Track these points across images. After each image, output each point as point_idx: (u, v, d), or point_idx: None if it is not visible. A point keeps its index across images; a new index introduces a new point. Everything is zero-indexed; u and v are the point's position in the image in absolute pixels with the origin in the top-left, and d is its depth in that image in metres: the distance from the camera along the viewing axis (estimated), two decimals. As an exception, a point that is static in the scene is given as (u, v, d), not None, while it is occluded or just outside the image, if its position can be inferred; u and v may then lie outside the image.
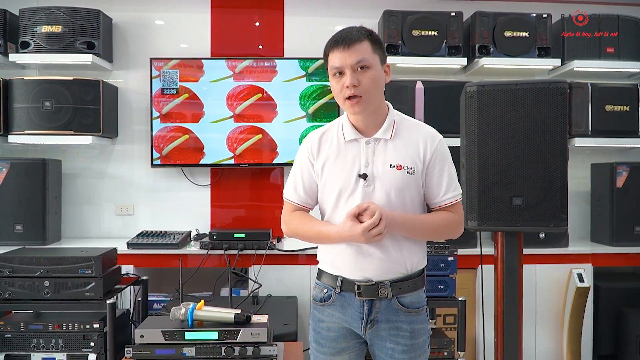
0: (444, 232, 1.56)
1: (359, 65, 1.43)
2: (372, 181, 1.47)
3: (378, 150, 1.50)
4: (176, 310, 1.61)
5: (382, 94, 1.52)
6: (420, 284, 1.54)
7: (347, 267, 1.50)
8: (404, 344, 1.49)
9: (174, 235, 2.87)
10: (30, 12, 2.95)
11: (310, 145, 1.56)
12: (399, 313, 1.49)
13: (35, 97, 2.88)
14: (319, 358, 1.56)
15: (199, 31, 3.26)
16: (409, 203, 1.50)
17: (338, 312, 1.52)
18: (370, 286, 1.47)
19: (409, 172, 1.48)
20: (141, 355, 1.55)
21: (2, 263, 2.07)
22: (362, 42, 1.44)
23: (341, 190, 1.49)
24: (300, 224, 1.55)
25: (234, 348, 1.57)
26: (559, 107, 1.99)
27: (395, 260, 1.48)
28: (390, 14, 3.05)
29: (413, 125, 1.56)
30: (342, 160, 1.51)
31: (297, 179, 1.58)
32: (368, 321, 1.48)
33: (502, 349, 2.11)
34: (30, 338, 2.08)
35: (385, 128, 1.51)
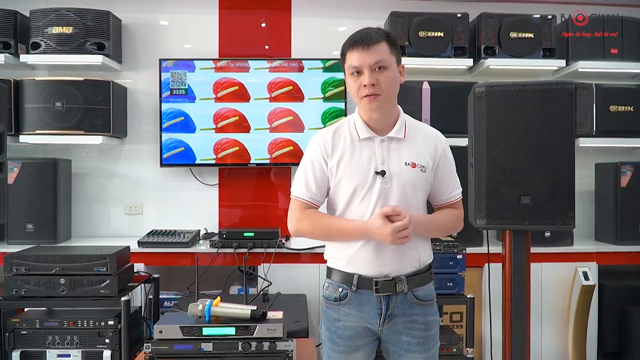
0: (452, 228, 1.65)
1: (377, 65, 1.48)
2: (389, 178, 1.51)
3: (392, 148, 1.54)
4: (194, 306, 1.64)
5: (396, 95, 1.56)
6: (429, 278, 1.61)
7: (364, 265, 1.52)
8: (419, 336, 1.54)
9: (183, 234, 2.90)
10: (41, 14, 2.98)
11: (324, 142, 1.57)
12: (414, 306, 1.54)
13: (46, 97, 2.91)
14: (334, 357, 1.58)
15: (207, 32, 3.29)
16: (419, 200, 1.57)
17: (355, 310, 1.54)
18: (388, 282, 1.51)
19: (422, 170, 1.54)
20: (160, 351, 1.59)
21: (19, 261, 2.10)
22: (381, 43, 1.49)
23: (357, 188, 1.52)
24: (315, 221, 1.56)
25: (251, 343, 1.61)
26: (566, 107, 2.02)
27: (410, 256, 1.54)
28: (397, 15, 3.08)
29: (421, 127, 1.64)
30: (357, 158, 1.54)
31: (308, 175, 1.58)
32: (386, 317, 1.52)
33: (510, 345, 2.14)
34: (45, 335, 2.11)
35: (398, 128, 1.56)
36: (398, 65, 1.55)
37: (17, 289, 2.09)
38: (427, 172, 1.55)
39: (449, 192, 1.61)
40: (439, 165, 1.58)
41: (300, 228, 1.58)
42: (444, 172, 1.60)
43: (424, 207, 1.60)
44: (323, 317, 1.63)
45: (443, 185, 1.60)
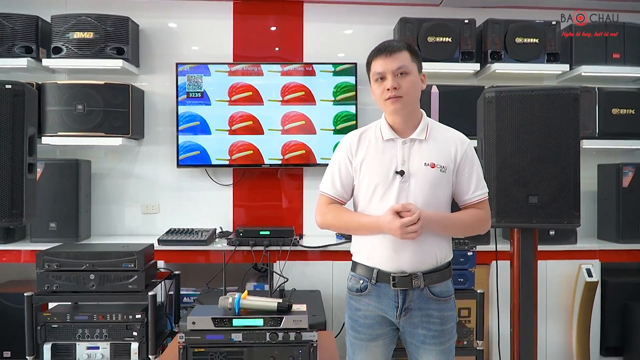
0: (474, 228, 1.69)
1: (399, 70, 1.59)
2: (408, 178, 1.61)
3: (414, 149, 1.64)
4: (224, 299, 1.74)
5: (418, 99, 1.67)
6: (448, 275, 1.68)
7: (382, 260, 1.63)
8: (435, 329, 1.63)
9: (201, 233, 3.00)
10: (62, 19, 3.08)
11: (350, 143, 1.70)
12: (430, 301, 1.63)
13: (67, 100, 3.01)
14: (356, 344, 1.70)
15: (222, 37, 3.39)
16: (440, 199, 1.64)
17: (374, 301, 1.65)
18: (405, 277, 1.60)
19: (441, 170, 1.62)
20: (193, 341, 1.69)
21: (50, 257, 2.20)
22: (402, 51, 1.61)
23: (377, 186, 1.63)
24: (338, 215, 1.69)
25: (278, 334, 1.71)
26: (571, 111, 2.13)
27: (427, 253, 1.62)
28: (406, 21, 3.19)
29: (444, 129, 1.72)
30: (380, 158, 1.65)
31: (334, 174, 1.72)
32: (402, 309, 1.62)
33: (518, 337, 2.25)
34: (75, 328, 2.21)
35: (420, 130, 1.66)
36: (419, 72, 1.66)
37: (48, 285, 2.19)
38: (447, 173, 1.63)
39: (470, 192, 1.66)
40: (460, 166, 1.65)
41: (324, 221, 1.71)
42: (465, 173, 1.65)
43: (446, 207, 1.67)
44: (347, 306, 1.74)
45: (465, 186, 1.66)
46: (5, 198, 2.00)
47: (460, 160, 1.65)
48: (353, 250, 1.74)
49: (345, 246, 2.96)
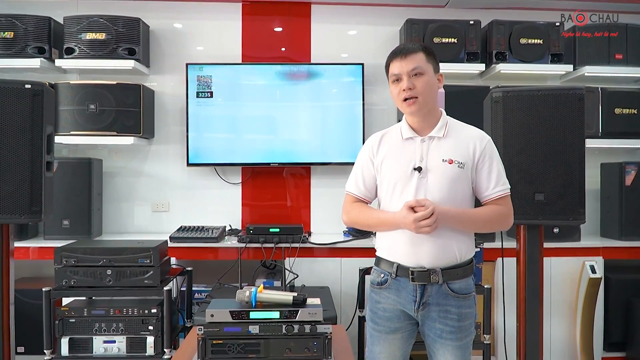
0: (494, 223, 1.72)
1: (414, 72, 1.65)
2: (425, 174, 1.66)
3: (432, 146, 1.69)
4: (241, 293, 1.79)
5: (435, 98, 1.71)
6: (469, 272, 1.71)
7: (402, 255, 1.68)
8: (452, 325, 1.66)
9: (211, 230, 3.06)
10: (75, 20, 3.13)
11: (372, 144, 1.78)
12: (449, 297, 1.66)
13: (80, 100, 3.07)
14: (375, 336, 1.76)
15: (231, 37, 3.45)
16: (459, 195, 1.67)
17: (393, 294, 1.71)
18: (423, 272, 1.65)
19: (459, 166, 1.65)
20: (211, 333, 1.74)
21: (68, 253, 2.26)
22: (417, 53, 1.67)
23: (397, 182, 1.69)
24: (360, 212, 1.76)
25: (294, 326, 1.76)
26: (577, 111, 2.19)
27: (446, 250, 1.65)
28: (413, 23, 3.24)
29: (464, 127, 1.76)
30: (399, 156, 1.71)
31: (357, 174, 1.79)
32: (420, 303, 1.66)
33: (525, 333, 2.30)
34: (92, 322, 2.26)
35: (439, 128, 1.71)
36: (436, 73, 1.70)
37: (66, 280, 2.25)
38: (465, 169, 1.66)
39: (491, 188, 1.68)
40: (479, 162, 1.68)
41: (349, 218, 1.79)
42: (485, 169, 1.68)
43: (467, 203, 1.70)
44: (369, 299, 1.80)
45: (485, 182, 1.68)
46: (25, 195, 2.05)
47: (479, 156, 1.68)
48: (377, 245, 1.80)
49: (353, 243, 3.03)
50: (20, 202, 2.04)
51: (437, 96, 1.72)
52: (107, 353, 2.26)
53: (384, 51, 3.38)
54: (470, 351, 1.73)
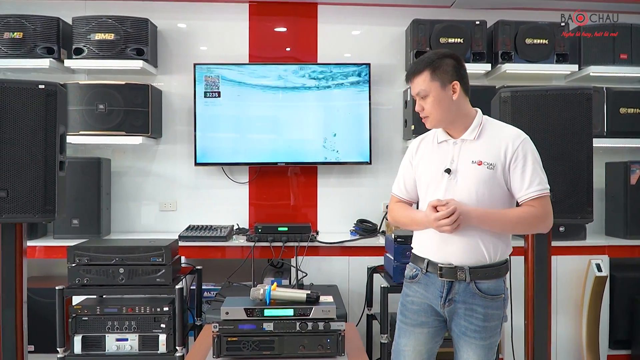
0: (525, 225, 1.71)
1: (419, 95, 1.74)
2: (455, 175, 1.70)
3: (464, 149, 1.72)
4: (255, 291, 1.82)
5: (450, 110, 1.72)
6: (499, 273, 1.72)
7: (432, 252, 1.74)
8: (477, 324, 1.69)
9: (219, 229, 3.08)
10: (84, 21, 3.15)
11: (412, 148, 1.89)
12: (476, 297, 1.69)
13: (89, 100, 3.09)
14: (402, 328, 1.81)
15: (238, 38, 3.47)
16: (490, 196, 1.68)
17: (422, 289, 1.77)
18: (451, 269, 1.69)
19: (488, 168, 1.67)
20: (226, 330, 1.76)
21: (81, 252, 2.28)
22: (421, 74, 1.72)
23: (429, 183, 1.75)
24: (399, 212, 1.87)
25: (307, 323, 1.78)
26: (584, 111, 2.21)
27: (474, 249, 1.68)
28: (419, 23, 3.27)
29: (499, 127, 1.78)
30: (433, 158, 1.78)
31: (400, 177, 1.91)
32: (446, 300, 1.71)
33: (533, 331, 2.32)
34: (105, 320, 2.28)
35: (471, 130, 1.74)
36: (445, 86, 1.70)
37: (79, 278, 2.27)
38: (495, 170, 1.67)
39: (524, 189, 1.67)
40: (511, 163, 1.68)
41: (391, 217, 1.92)
42: (518, 170, 1.67)
43: (502, 204, 1.71)
44: (401, 293, 1.87)
45: (518, 183, 1.68)
46: (39, 194, 2.07)
47: (512, 157, 1.68)
48: (412, 244, 1.87)
49: (360, 242, 3.05)
50: (34, 201, 2.06)
51: (454, 107, 1.72)
52: (119, 351, 2.28)
53: (390, 51, 3.50)
54: (495, 352, 1.75)
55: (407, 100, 3.36)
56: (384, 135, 3.50)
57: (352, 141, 3.37)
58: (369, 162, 3.37)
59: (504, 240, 1.74)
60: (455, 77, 1.72)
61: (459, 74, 1.73)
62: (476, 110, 1.80)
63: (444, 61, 1.71)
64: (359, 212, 3.41)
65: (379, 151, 3.47)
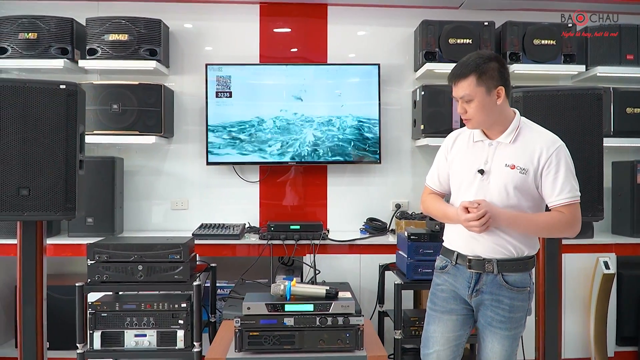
0: (552, 230, 1.77)
1: (463, 99, 1.74)
2: (488, 176, 1.75)
3: (498, 151, 1.76)
4: (276, 286, 1.86)
5: (493, 114, 1.75)
6: (526, 267, 1.78)
7: (461, 245, 1.81)
8: (503, 315, 1.75)
9: (232, 227, 3.12)
10: (97, 22, 3.19)
11: (447, 143, 1.92)
12: (502, 288, 1.75)
13: (103, 100, 3.13)
14: (431, 315, 1.88)
15: (249, 38, 3.51)
16: (519, 199, 1.73)
17: (451, 278, 1.84)
18: (479, 261, 1.76)
19: (521, 172, 1.71)
20: (248, 325, 1.80)
21: (100, 249, 2.32)
22: (467, 78, 1.71)
23: (462, 181, 1.81)
24: (431, 203, 1.93)
25: (327, 318, 1.83)
26: (595, 110, 2.25)
27: (501, 244, 1.75)
28: (428, 24, 3.31)
29: (536, 132, 1.79)
30: (467, 157, 1.82)
31: (434, 169, 1.96)
32: (474, 290, 1.77)
33: (544, 327, 2.36)
34: (124, 317, 2.32)
35: (508, 133, 1.77)
36: (490, 91, 1.72)
37: (98, 275, 2.31)
38: (527, 175, 1.71)
39: (555, 195, 1.71)
40: (543, 169, 1.72)
41: (423, 208, 1.99)
42: (550, 176, 1.71)
43: (529, 207, 1.75)
44: (432, 284, 1.94)
45: (549, 189, 1.72)
46: (60, 192, 2.11)
47: (545, 163, 1.71)
48: (444, 237, 1.94)
49: (371, 240, 3.09)
50: (55, 199, 2.10)
51: (497, 110, 1.74)
52: (138, 346, 2.31)
53: (399, 52, 3.55)
54: (518, 343, 1.82)
55: (416, 100, 3.40)
56: (393, 134, 3.54)
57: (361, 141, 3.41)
58: (378, 161, 3.41)
59: (529, 238, 1.80)
60: (501, 82, 1.74)
61: (503, 78, 1.75)
62: (514, 112, 1.82)
63: (489, 65, 1.72)
64: (368, 211, 3.46)
65: (388, 151, 3.51)
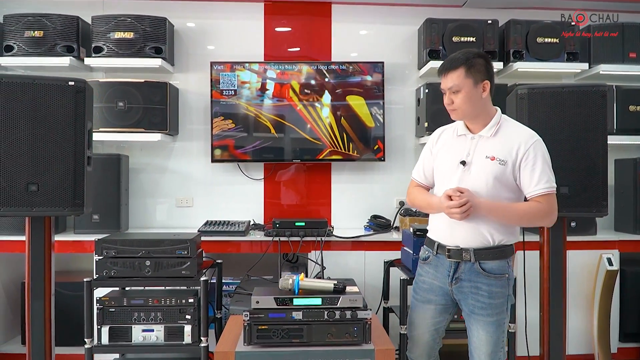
0: (531, 218, 1.85)
1: (451, 90, 1.85)
2: (469, 168, 1.85)
3: (480, 144, 1.87)
4: (284, 280, 1.88)
5: (478, 106, 1.87)
6: (502, 255, 1.86)
7: (442, 235, 1.92)
8: (482, 301, 1.85)
9: (237, 224, 3.13)
10: (103, 20, 3.20)
11: (433, 137, 2.04)
12: (480, 276, 1.85)
13: (109, 97, 3.14)
14: (414, 304, 2.03)
15: (253, 37, 3.53)
16: (498, 189, 1.83)
17: (432, 269, 1.95)
18: (457, 250, 1.87)
19: (500, 163, 1.82)
20: (257, 318, 1.82)
21: (108, 245, 2.33)
22: (457, 70, 1.83)
23: (445, 172, 1.91)
24: (416, 195, 2.04)
25: (335, 312, 1.85)
26: (599, 107, 2.28)
27: (479, 234, 1.84)
28: (432, 22, 3.32)
29: (515, 127, 1.92)
30: (451, 150, 1.93)
31: (420, 163, 2.08)
32: (453, 278, 1.88)
33: (548, 323, 2.38)
34: (131, 312, 2.33)
35: (489, 127, 1.88)
36: (477, 84, 1.84)
37: (107, 270, 2.32)
38: (506, 166, 1.81)
39: (532, 185, 1.82)
40: (522, 161, 1.82)
41: (409, 199, 2.10)
42: (528, 168, 1.82)
43: (508, 196, 1.85)
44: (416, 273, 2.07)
45: (527, 180, 1.83)
46: (68, 188, 2.13)
47: (523, 155, 1.82)
48: (428, 228, 2.05)
49: (376, 237, 3.11)
50: (64, 195, 2.12)
51: (481, 103, 1.86)
52: (145, 341, 2.32)
53: (403, 50, 3.57)
54: (503, 330, 1.88)
55: (420, 99, 3.42)
56: (397, 132, 3.55)
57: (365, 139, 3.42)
58: (382, 159, 3.43)
59: (508, 228, 1.88)
60: (487, 77, 1.87)
61: (489, 74, 1.88)
62: (496, 109, 1.94)
63: (477, 60, 1.85)
64: (372, 208, 3.48)
65: (392, 148, 3.53)
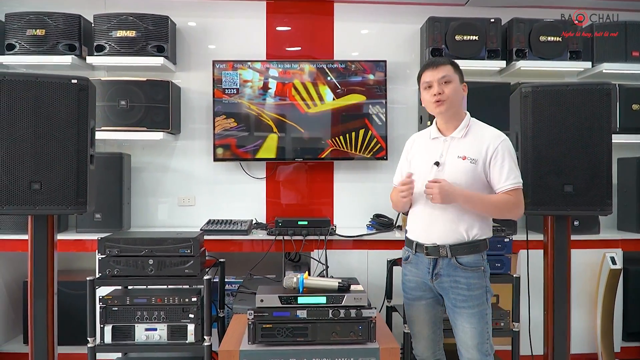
0: (502, 209, 1.95)
1: (443, 79, 1.97)
2: (443, 167, 1.97)
3: (452, 145, 1.99)
4: (289, 279, 1.87)
5: (460, 103, 2.02)
6: (477, 250, 1.95)
7: (420, 234, 2.01)
8: (463, 294, 1.92)
9: (240, 223, 3.13)
10: (105, 18, 3.20)
11: (407, 145, 2.18)
12: (457, 269, 1.93)
13: (111, 96, 3.14)
14: (407, 302, 2.11)
15: (256, 35, 3.52)
16: (470, 186, 1.93)
17: (414, 268, 2.04)
18: (434, 247, 1.95)
19: (471, 162, 1.94)
20: (261, 317, 1.81)
21: (111, 244, 2.32)
22: (446, 65, 1.99)
23: (420, 174, 2.00)
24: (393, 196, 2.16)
25: (340, 311, 1.84)
26: (604, 105, 2.26)
27: (454, 230, 1.94)
28: (435, 20, 3.32)
29: (484, 128, 2.04)
30: (425, 153, 2.05)
31: (398, 170, 2.21)
32: (433, 274, 1.96)
33: (552, 322, 2.37)
34: (134, 311, 2.32)
35: (460, 129, 2.01)
36: (461, 82, 2.03)
37: (109, 269, 2.31)
38: (477, 164, 1.94)
39: (502, 181, 1.94)
40: (491, 159, 1.94)
41: (392, 204, 2.21)
42: (497, 165, 1.94)
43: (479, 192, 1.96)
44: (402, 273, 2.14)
45: (497, 176, 1.95)
46: (71, 187, 2.13)
47: (492, 154, 1.94)
48: (407, 228, 2.13)
49: (378, 236, 3.10)
50: (67, 193, 2.11)
51: (462, 101, 1.98)
52: (148, 340, 2.32)
53: (405, 49, 3.56)
54: (487, 322, 1.94)
55: (423, 97, 3.41)
56: (399, 131, 3.54)
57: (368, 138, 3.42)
58: (385, 158, 3.42)
59: (483, 222, 1.97)
60: (464, 81, 2.05)
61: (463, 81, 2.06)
62: (466, 113, 2.06)
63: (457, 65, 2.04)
64: (374, 207, 3.46)
65: (394, 147, 3.51)
